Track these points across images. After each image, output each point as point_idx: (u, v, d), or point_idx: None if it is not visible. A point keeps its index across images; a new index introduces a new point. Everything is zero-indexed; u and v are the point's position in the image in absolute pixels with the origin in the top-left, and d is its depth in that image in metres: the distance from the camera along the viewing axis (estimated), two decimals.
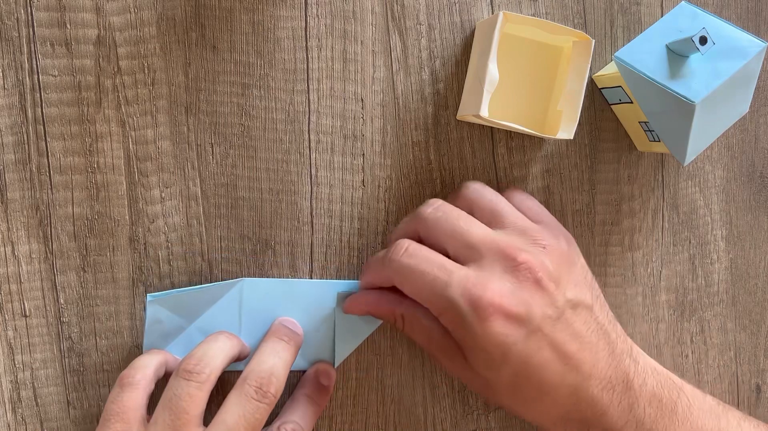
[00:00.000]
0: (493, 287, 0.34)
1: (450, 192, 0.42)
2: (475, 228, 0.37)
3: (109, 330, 0.40)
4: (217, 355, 0.36)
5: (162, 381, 0.37)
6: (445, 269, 0.36)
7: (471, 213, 0.38)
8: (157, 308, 0.39)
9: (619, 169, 0.45)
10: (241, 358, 0.39)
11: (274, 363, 0.36)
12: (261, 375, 0.36)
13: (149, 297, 0.39)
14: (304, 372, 0.41)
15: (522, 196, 0.41)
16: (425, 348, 0.39)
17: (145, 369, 0.36)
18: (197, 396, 0.35)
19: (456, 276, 0.35)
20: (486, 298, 0.34)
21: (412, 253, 0.37)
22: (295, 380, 0.41)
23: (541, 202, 0.44)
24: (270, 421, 0.39)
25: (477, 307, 0.34)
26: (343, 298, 0.41)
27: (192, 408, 0.34)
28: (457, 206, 0.39)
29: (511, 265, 0.35)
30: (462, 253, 0.36)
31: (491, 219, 0.38)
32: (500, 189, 0.44)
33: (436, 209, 0.38)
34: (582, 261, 0.39)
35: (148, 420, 0.35)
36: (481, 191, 0.40)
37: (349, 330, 0.42)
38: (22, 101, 0.38)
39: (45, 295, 0.39)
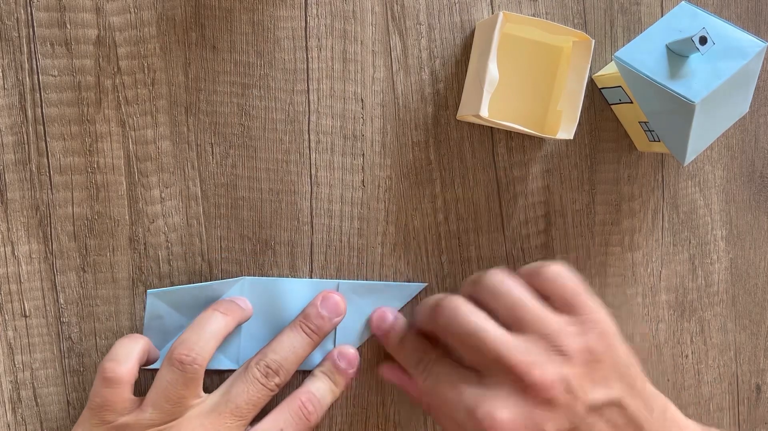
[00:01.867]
0: (498, 414, 0.33)
1: (466, 279, 0.40)
2: (488, 337, 0.35)
3: (109, 330, 0.40)
4: (209, 341, 0.37)
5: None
6: (458, 393, 0.35)
7: (492, 308, 0.37)
8: (157, 303, 0.39)
9: (619, 169, 0.45)
10: (241, 322, 0.40)
11: (287, 354, 0.38)
12: (270, 364, 0.38)
13: (149, 292, 0.39)
14: (306, 372, 0.41)
15: (552, 275, 0.37)
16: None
17: (127, 362, 0.36)
18: (193, 383, 0.36)
19: (465, 398, 0.35)
20: (490, 426, 0.33)
21: (431, 375, 0.37)
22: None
23: (540, 202, 0.44)
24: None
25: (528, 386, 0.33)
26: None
27: (189, 393, 0.36)
28: (477, 294, 0.37)
29: (522, 386, 0.34)
30: (476, 361, 0.36)
31: (511, 321, 0.36)
32: (500, 189, 0.44)
33: (455, 308, 0.36)
34: (617, 348, 0.36)
35: (137, 403, 0.36)
36: (504, 285, 0.37)
37: (350, 331, 0.42)
38: (22, 101, 0.38)
39: (45, 295, 0.39)
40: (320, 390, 0.39)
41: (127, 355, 0.36)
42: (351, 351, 0.41)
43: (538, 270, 0.38)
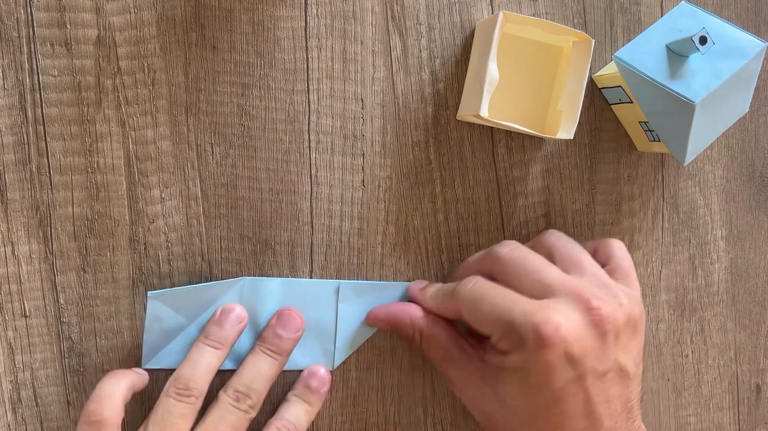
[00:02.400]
0: (560, 319, 0.34)
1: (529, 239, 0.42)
2: (551, 271, 0.36)
3: (109, 330, 0.40)
4: (204, 373, 0.37)
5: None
6: (514, 299, 0.35)
7: (550, 259, 0.38)
8: (158, 305, 0.39)
9: (619, 169, 0.45)
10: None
11: (252, 377, 0.38)
12: (238, 388, 0.38)
13: (150, 294, 0.39)
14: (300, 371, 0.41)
15: (617, 248, 0.40)
16: (439, 365, 0.40)
17: (112, 403, 0.35)
18: (189, 415, 0.36)
19: (525, 304, 0.35)
20: (551, 327, 0.33)
21: (483, 285, 0.37)
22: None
23: (541, 202, 0.44)
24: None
25: (539, 333, 0.33)
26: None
27: (184, 426, 0.36)
28: (535, 251, 0.38)
29: (584, 307, 0.35)
30: (536, 293, 0.36)
31: (570, 267, 0.37)
32: (501, 189, 0.44)
33: (513, 249, 0.38)
34: (643, 337, 0.38)
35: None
36: (563, 240, 0.39)
37: (350, 331, 0.42)
38: (22, 101, 0.38)
39: (45, 295, 0.39)
40: (294, 415, 0.40)
41: (111, 396, 0.35)
42: (321, 370, 0.41)
43: (601, 243, 0.40)
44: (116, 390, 0.36)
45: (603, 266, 0.38)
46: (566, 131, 0.41)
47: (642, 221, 0.46)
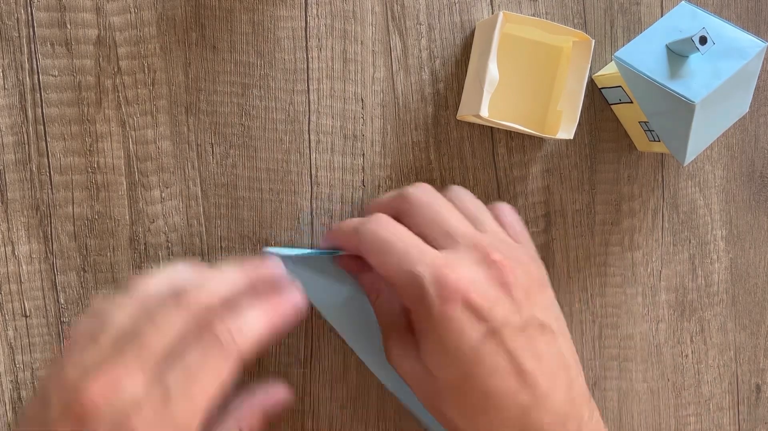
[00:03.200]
0: (462, 272, 0.33)
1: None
2: (456, 220, 0.36)
3: None
4: (221, 288, 0.31)
5: None
6: (418, 248, 0.34)
7: (454, 201, 0.38)
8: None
9: (619, 169, 0.45)
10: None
11: (210, 276, 0.32)
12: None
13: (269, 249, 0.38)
14: None
15: (508, 211, 0.40)
16: (383, 333, 0.38)
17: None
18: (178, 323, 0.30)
19: (428, 255, 0.34)
20: (452, 279, 0.33)
21: (387, 227, 0.35)
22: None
23: (541, 202, 0.44)
24: None
25: (441, 286, 0.33)
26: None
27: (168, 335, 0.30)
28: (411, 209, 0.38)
29: (485, 260, 0.34)
30: (439, 241, 0.35)
31: (473, 222, 0.37)
32: (500, 189, 0.44)
33: (424, 193, 0.37)
34: (552, 293, 0.37)
35: None
36: (466, 196, 0.39)
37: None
38: (22, 101, 0.38)
39: (45, 295, 0.39)
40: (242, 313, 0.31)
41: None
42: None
43: (496, 204, 0.40)
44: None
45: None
46: (566, 131, 0.41)
47: (642, 221, 0.46)
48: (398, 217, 0.37)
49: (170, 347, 0.29)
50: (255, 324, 0.30)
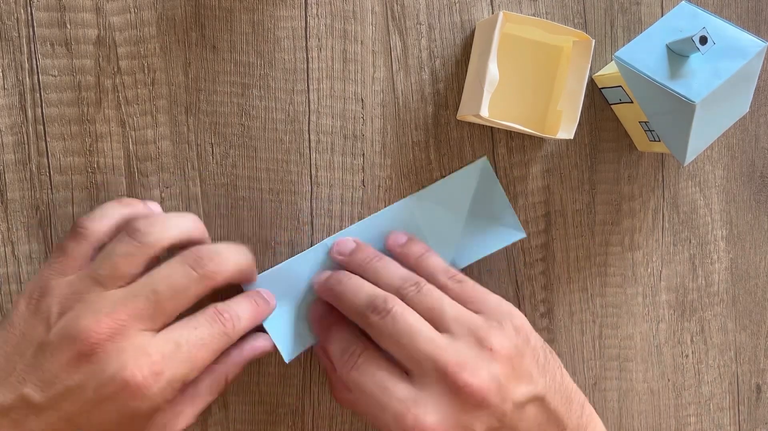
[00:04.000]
0: (427, 418, 0.33)
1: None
2: (421, 340, 0.35)
3: None
4: (171, 227, 0.35)
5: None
6: (385, 392, 0.35)
7: (414, 306, 0.37)
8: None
9: (619, 169, 0.45)
10: (195, 239, 0.37)
11: (225, 247, 0.36)
12: (202, 250, 0.35)
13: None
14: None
15: (464, 282, 0.38)
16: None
17: (101, 221, 0.35)
18: (135, 258, 0.34)
19: (394, 402, 0.34)
20: (417, 429, 0.33)
21: (362, 372, 0.36)
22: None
23: (541, 202, 0.44)
24: None
25: None
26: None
27: (126, 267, 0.34)
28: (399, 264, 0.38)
29: (454, 388, 0.34)
30: (408, 368, 0.35)
31: (435, 321, 0.36)
32: (506, 187, 0.44)
33: (388, 320, 0.36)
34: (533, 340, 0.37)
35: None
36: (432, 291, 0.37)
37: (443, 226, 0.42)
38: (22, 101, 0.38)
39: None
40: (238, 305, 0.37)
41: (102, 216, 0.36)
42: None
43: (422, 264, 0.39)
44: (112, 214, 0.36)
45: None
46: (566, 131, 0.40)
47: (642, 221, 0.46)
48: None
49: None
50: (245, 317, 0.37)
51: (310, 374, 0.42)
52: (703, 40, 0.37)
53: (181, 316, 0.35)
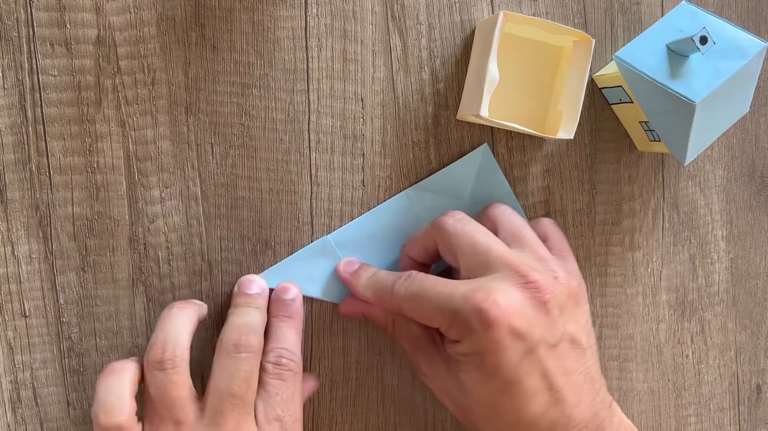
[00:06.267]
0: (499, 298, 0.34)
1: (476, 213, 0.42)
2: (493, 245, 0.37)
3: (109, 331, 0.40)
4: (179, 333, 0.36)
5: None
6: (451, 286, 0.36)
7: (494, 232, 0.38)
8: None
9: (620, 168, 0.45)
10: (201, 319, 0.39)
11: (243, 321, 0.37)
12: (232, 331, 0.36)
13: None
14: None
15: (551, 226, 0.41)
16: (409, 354, 0.40)
17: (123, 409, 0.34)
18: (179, 380, 0.35)
19: (463, 288, 0.35)
20: (491, 307, 0.34)
21: (418, 280, 0.37)
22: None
23: (541, 202, 0.44)
24: None
25: (481, 315, 0.34)
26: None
27: (181, 391, 0.35)
28: (480, 223, 0.39)
29: (522, 281, 0.35)
30: (475, 270, 0.36)
31: (512, 241, 0.38)
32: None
33: (458, 221, 0.38)
34: (588, 308, 0.39)
35: (140, 421, 0.35)
36: (507, 213, 0.40)
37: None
38: (22, 101, 0.38)
39: (45, 295, 0.39)
40: (282, 338, 0.38)
41: (119, 399, 0.34)
42: (290, 285, 0.40)
43: (539, 220, 0.41)
44: (122, 390, 0.34)
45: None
46: (566, 131, 0.40)
47: (642, 221, 0.46)
48: (435, 250, 0.39)
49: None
50: (293, 341, 0.38)
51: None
52: (703, 40, 0.37)
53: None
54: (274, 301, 0.40)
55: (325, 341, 0.42)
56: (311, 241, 0.42)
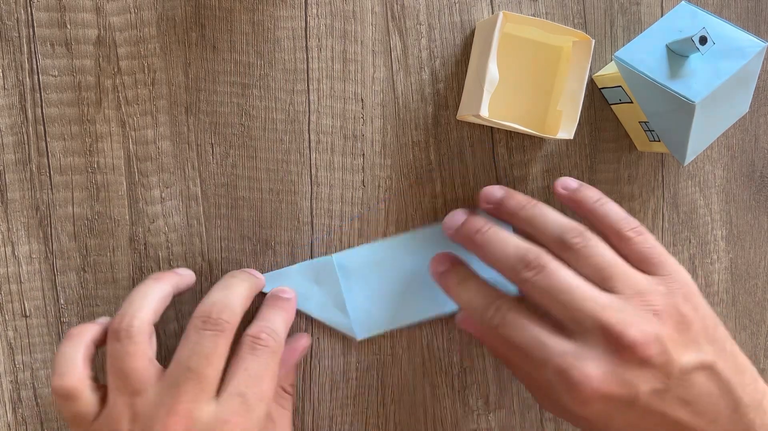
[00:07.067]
0: (591, 371, 0.32)
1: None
2: (581, 298, 0.34)
3: None
4: (142, 304, 0.35)
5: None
6: (543, 346, 0.34)
7: (578, 260, 0.36)
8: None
9: (619, 169, 0.45)
10: (184, 288, 0.39)
11: (223, 294, 0.36)
12: (205, 307, 0.35)
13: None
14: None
15: (645, 236, 0.37)
16: (534, 394, 0.40)
17: (73, 372, 0.34)
18: (136, 351, 0.34)
19: (554, 356, 0.33)
20: (583, 383, 0.32)
21: (512, 323, 0.35)
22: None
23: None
24: None
25: (573, 391, 0.33)
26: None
27: (136, 362, 0.34)
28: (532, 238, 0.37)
29: (617, 346, 0.33)
30: (566, 324, 0.34)
31: (601, 279, 0.35)
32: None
33: (542, 276, 0.34)
34: (702, 308, 0.36)
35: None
36: (599, 246, 0.36)
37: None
38: (22, 101, 0.38)
39: (45, 295, 0.39)
40: (268, 319, 0.38)
41: (71, 363, 0.34)
42: (285, 288, 0.40)
43: (600, 210, 0.37)
44: (74, 356, 0.34)
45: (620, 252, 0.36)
46: (566, 131, 0.41)
47: (642, 221, 0.46)
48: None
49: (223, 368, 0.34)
50: (279, 323, 0.37)
51: (310, 374, 0.42)
52: (703, 40, 0.37)
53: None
54: (269, 297, 0.40)
55: (325, 341, 0.42)
56: (311, 241, 0.42)
